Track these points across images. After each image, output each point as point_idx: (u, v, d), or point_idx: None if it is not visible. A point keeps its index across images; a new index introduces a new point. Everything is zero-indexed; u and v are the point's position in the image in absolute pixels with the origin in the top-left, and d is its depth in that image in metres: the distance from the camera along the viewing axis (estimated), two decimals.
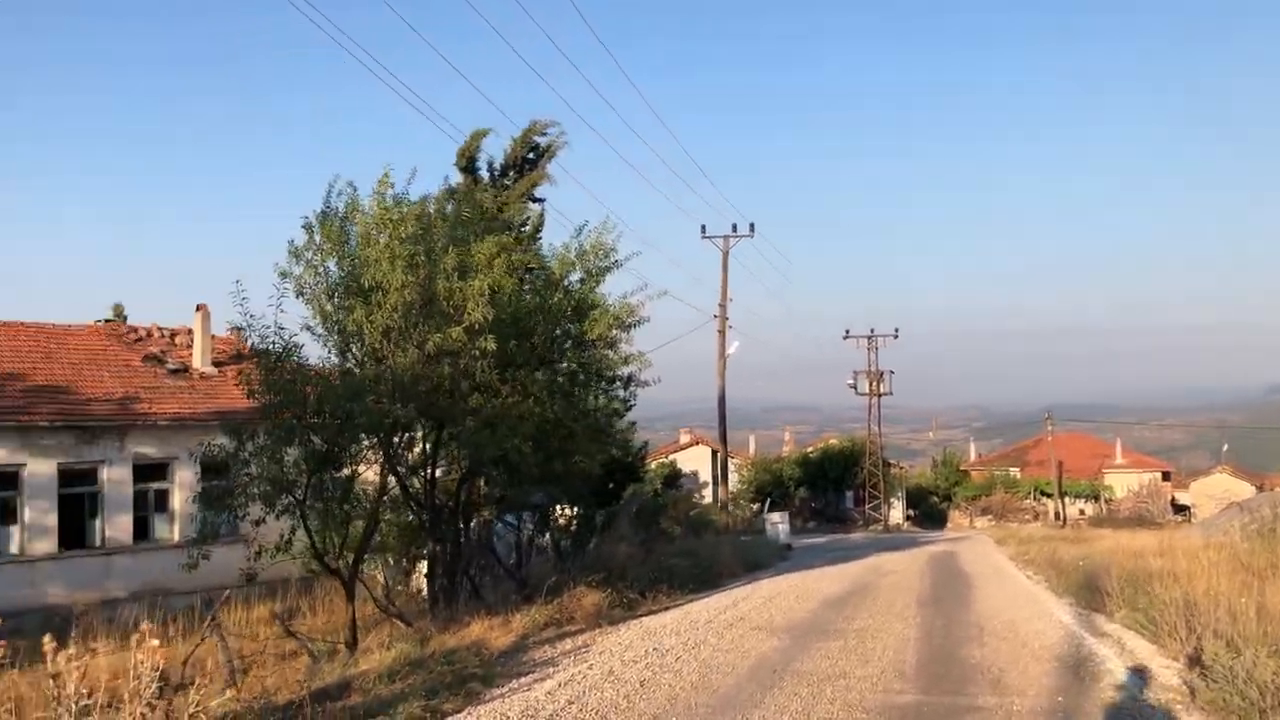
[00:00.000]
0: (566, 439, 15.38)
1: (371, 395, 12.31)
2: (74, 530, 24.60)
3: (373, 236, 12.61)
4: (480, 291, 12.25)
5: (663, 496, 36.48)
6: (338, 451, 12.75)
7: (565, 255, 15.89)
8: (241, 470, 12.71)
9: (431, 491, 15.24)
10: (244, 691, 10.21)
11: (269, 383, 12.42)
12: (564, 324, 15.20)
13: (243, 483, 12.60)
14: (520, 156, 28.95)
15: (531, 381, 14.64)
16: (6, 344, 26.69)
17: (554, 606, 15.21)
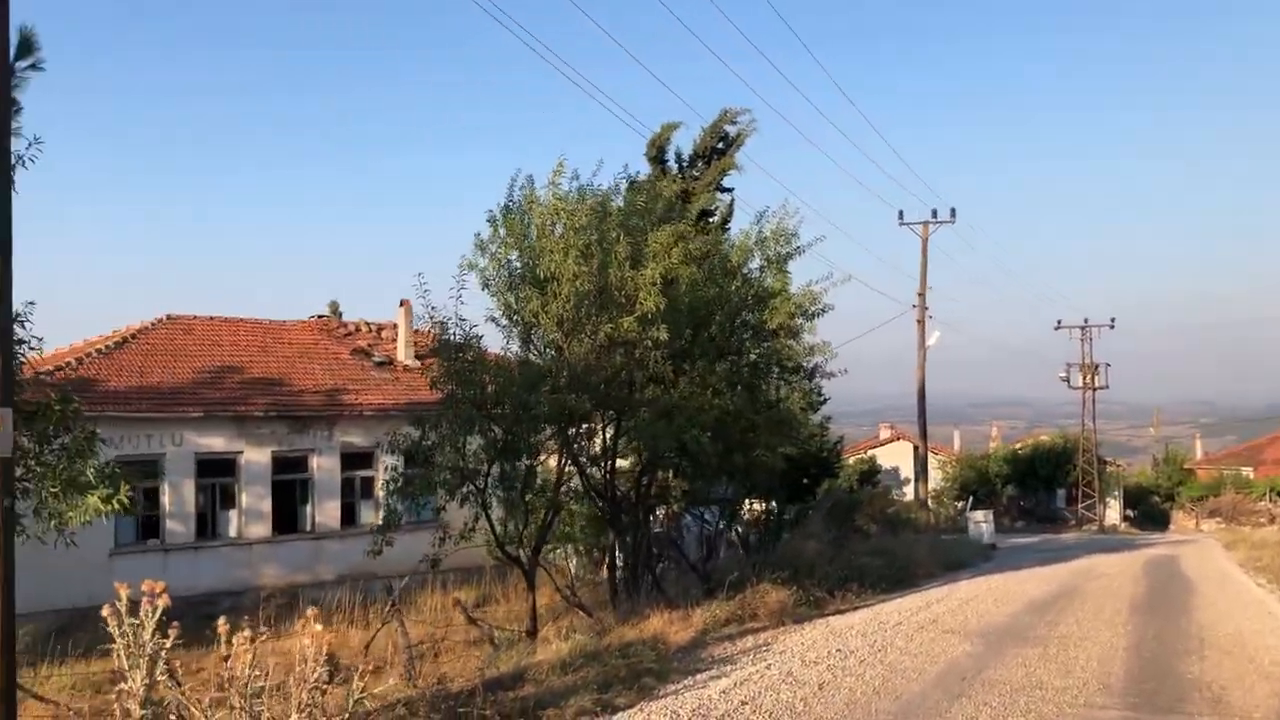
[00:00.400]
0: (747, 432, 15.00)
1: (547, 386, 12.31)
2: (286, 515, 25.93)
3: (547, 227, 12.62)
4: (652, 280, 12.06)
5: (858, 493, 35.53)
6: (516, 441, 12.80)
7: (744, 242, 15.54)
8: (425, 459, 12.95)
9: (612, 483, 15.17)
10: (421, 678, 10.35)
11: (450, 373, 12.60)
12: (743, 313, 14.84)
13: (425, 471, 12.83)
14: (710, 146, 28.75)
15: (710, 372, 14.34)
16: (228, 338, 28.42)
17: (736, 602, 14.88)
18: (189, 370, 26.11)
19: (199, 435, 24.75)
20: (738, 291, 14.74)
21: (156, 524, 24.37)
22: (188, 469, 24.61)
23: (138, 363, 25.75)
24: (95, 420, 23.13)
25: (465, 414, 12.48)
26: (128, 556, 23.71)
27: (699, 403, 13.82)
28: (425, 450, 12.84)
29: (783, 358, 15.04)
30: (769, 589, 15.48)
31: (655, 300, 12.05)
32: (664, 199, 14.98)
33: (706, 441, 13.57)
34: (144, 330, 27.44)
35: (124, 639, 6.32)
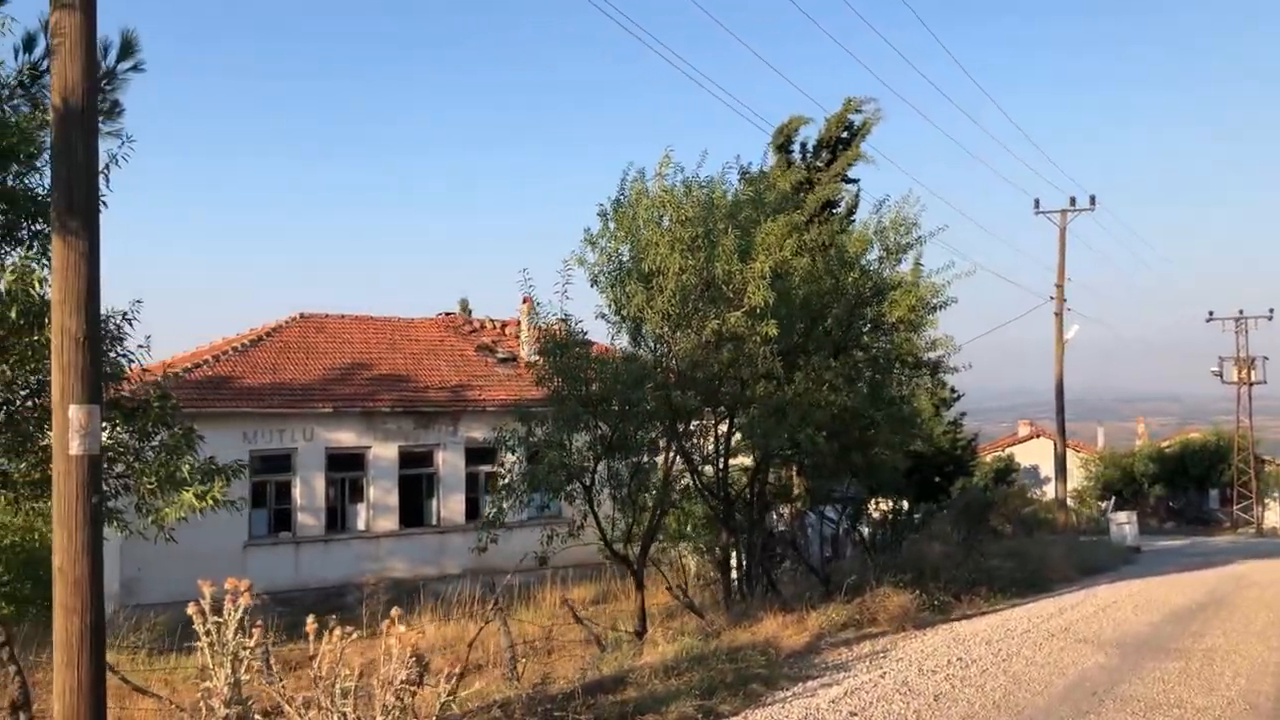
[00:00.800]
0: (867, 430, 14.47)
1: (651, 382, 12.06)
2: (413, 509, 26.38)
3: (653, 220, 12.35)
4: (760, 274, 11.67)
5: (992, 492, 34.30)
6: (623, 438, 12.60)
7: (863, 233, 14.97)
8: (530, 456, 12.89)
9: (724, 481, 14.84)
10: (523, 678, 10.23)
11: (555, 369, 12.47)
12: (862, 306, 14.30)
13: (530, 469, 12.75)
14: (834, 136, 28.11)
15: (826, 368, 13.87)
16: (358, 336, 29.07)
17: (854, 606, 14.38)
18: (320, 367, 26.79)
19: (329, 430, 25.36)
20: (855, 284, 14.22)
21: (289, 517, 25.08)
22: (318, 463, 25.25)
23: (272, 360, 26.54)
24: (231, 416, 24.13)
25: (570, 411, 12.34)
26: (261, 549, 24.46)
27: (813, 399, 13.38)
28: (531, 447, 12.76)
29: (903, 352, 14.45)
30: (890, 592, 14.92)
31: (764, 294, 11.66)
32: (778, 190, 14.56)
33: (821, 440, 13.12)
34: (278, 329, 28.28)
35: (208, 637, 6.32)
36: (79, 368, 6.21)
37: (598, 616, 17.27)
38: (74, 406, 6.18)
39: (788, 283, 13.27)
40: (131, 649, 16.50)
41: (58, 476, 6.21)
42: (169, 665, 14.79)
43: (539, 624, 17.18)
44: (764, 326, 11.81)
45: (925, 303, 14.31)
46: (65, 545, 6.19)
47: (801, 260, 13.88)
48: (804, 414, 13.24)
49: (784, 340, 12.97)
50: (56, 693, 6.23)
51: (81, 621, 6.18)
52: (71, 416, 6.17)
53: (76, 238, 6.22)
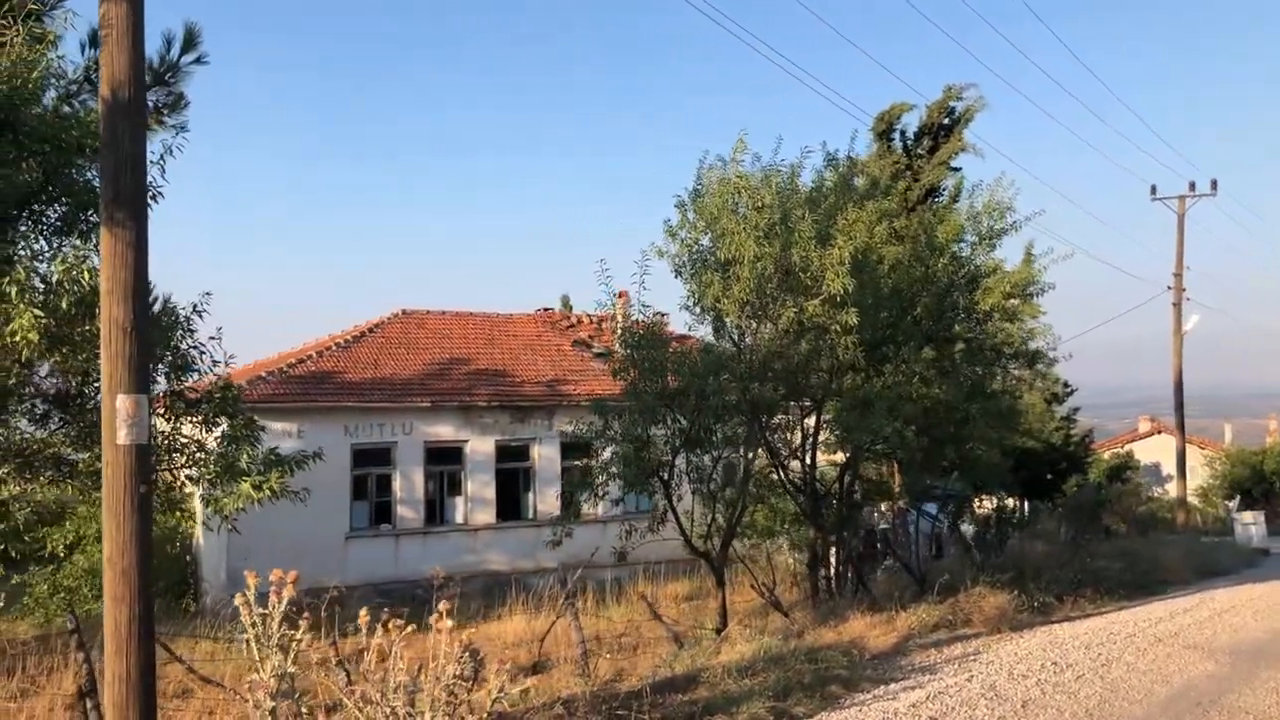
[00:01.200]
0: (961, 424, 13.89)
1: (727, 373, 11.74)
2: (509, 503, 26.48)
3: (728, 207, 12.01)
4: (839, 260, 11.24)
5: (1106, 490, 32.98)
6: (701, 431, 12.34)
7: (954, 218, 14.37)
8: (606, 449, 12.76)
9: (812, 477, 14.44)
10: (595, 676, 10.05)
11: (631, 360, 12.26)
12: (952, 294, 13.71)
13: (602, 462, 12.61)
14: (935, 123, 27.43)
15: (916, 359, 13.36)
16: (457, 332, 29.35)
17: (948, 605, 13.86)
18: (420, 362, 27.11)
19: (428, 425, 25.63)
20: (946, 270, 13.66)
21: (389, 510, 25.44)
22: (417, 457, 25.53)
23: (373, 356, 26.96)
24: (332, 411, 24.58)
25: (647, 403, 12.13)
26: (362, 540, 24.85)
27: (902, 392, 12.90)
28: (607, 441, 12.63)
29: (998, 342, 13.82)
30: (985, 592, 14.35)
31: (843, 281, 11.23)
32: (868, 175, 14.09)
33: (911, 434, 12.63)
34: (380, 325, 28.73)
35: (254, 629, 6.28)
36: (127, 357, 6.22)
37: (690, 613, 17.00)
38: (121, 396, 6.20)
39: (876, 271, 12.82)
40: (227, 638, 16.83)
41: (106, 466, 6.24)
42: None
43: (628, 619, 17.06)
44: (844, 315, 11.40)
45: (1021, 289, 13.65)
46: (113, 534, 6.21)
47: (892, 248, 13.41)
48: (892, 407, 12.77)
49: (868, 330, 12.54)
50: (106, 681, 6.27)
51: (130, 610, 6.20)
52: (119, 406, 6.19)
53: (123, 228, 6.24)
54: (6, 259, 7.06)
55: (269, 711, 6.28)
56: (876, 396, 12.80)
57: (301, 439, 24.40)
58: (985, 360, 14.34)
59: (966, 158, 26.39)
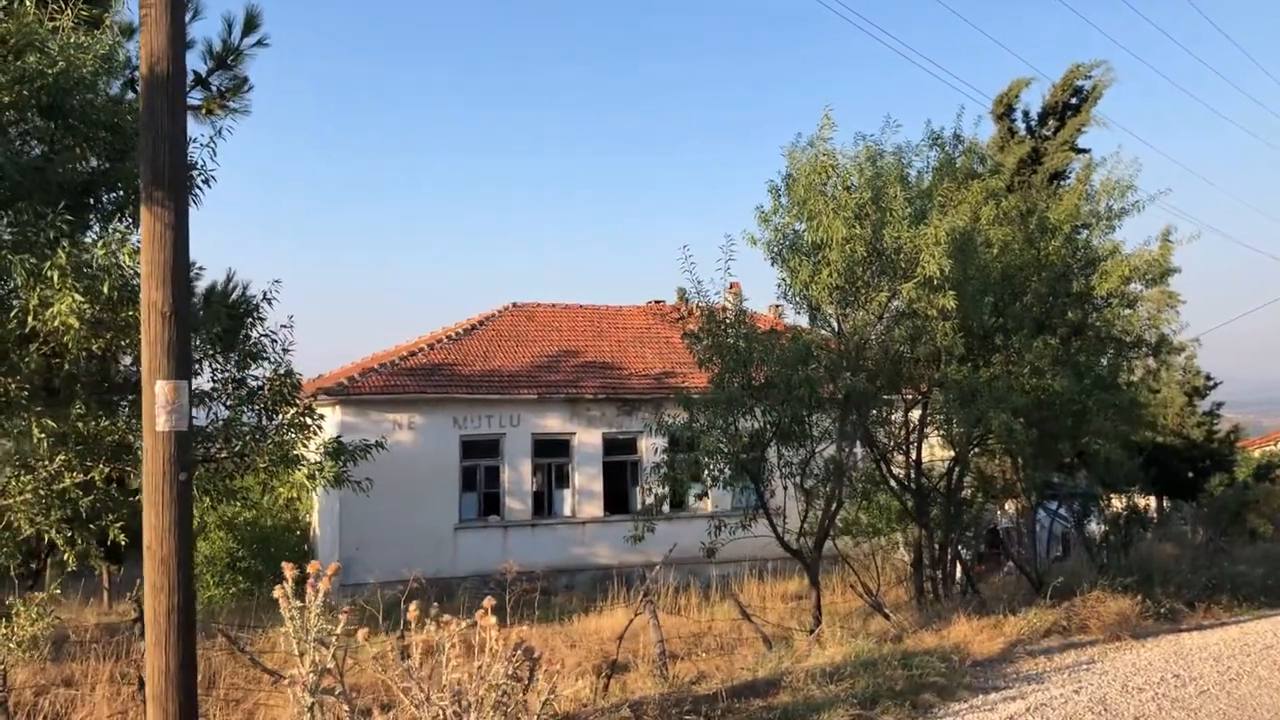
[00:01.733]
0: (1078, 418, 13.00)
1: (815, 363, 11.17)
2: (617, 496, 26.31)
3: (815, 188, 11.40)
4: (935, 240, 10.54)
5: (1253, 490, 31.02)
6: (793, 424, 11.81)
7: (1069, 198, 13.43)
8: (689, 444, 12.38)
9: (918, 472, 13.74)
10: (673, 677, 9.65)
11: (716, 348, 11.81)
12: (1065, 279, 12.80)
13: (688, 456, 12.23)
14: (1061, 102, 26.16)
15: (1027, 348, 12.53)
16: (567, 324, 29.29)
17: (1063, 610, 13.01)
18: (529, 355, 27.14)
19: (536, 416, 25.64)
20: (1058, 253, 12.77)
21: (497, 501, 25.52)
22: (525, 449, 25.58)
23: (483, 348, 27.09)
24: (442, 402, 24.75)
25: (731, 395, 11.68)
26: (471, 531, 24.99)
27: (1011, 383, 12.11)
28: (691, 435, 12.25)
29: (1116, 330, 12.86)
30: (1105, 596, 13.44)
31: (939, 263, 10.54)
32: (974, 153, 13.30)
33: (1019, 428, 11.84)
34: (491, 318, 28.86)
35: (292, 622, 6.07)
36: (165, 342, 6.09)
37: (793, 613, 16.44)
38: (160, 382, 6.07)
39: (983, 255, 12.07)
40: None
41: (145, 452, 6.12)
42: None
43: (731, 618, 16.59)
44: (941, 299, 10.71)
45: (1142, 273, 12.67)
46: (153, 522, 6.07)
47: (1000, 230, 12.62)
48: (1000, 398, 12.00)
49: (971, 316, 11.80)
50: (147, 673, 6.15)
51: (169, 601, 6.06)
52: (158, 392, 6.06)
53: (163, 208, 6.10)
54: (50, 242, 7.02)
55: (308, 708, 6.08)
56: (984, 387, 12.05)
57: (412, 430, 24.70)
58: (1101, 349, 13.37)
59: (1096, 138, 25.08)
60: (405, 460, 24.31)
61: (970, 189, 12.74)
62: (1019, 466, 14.88)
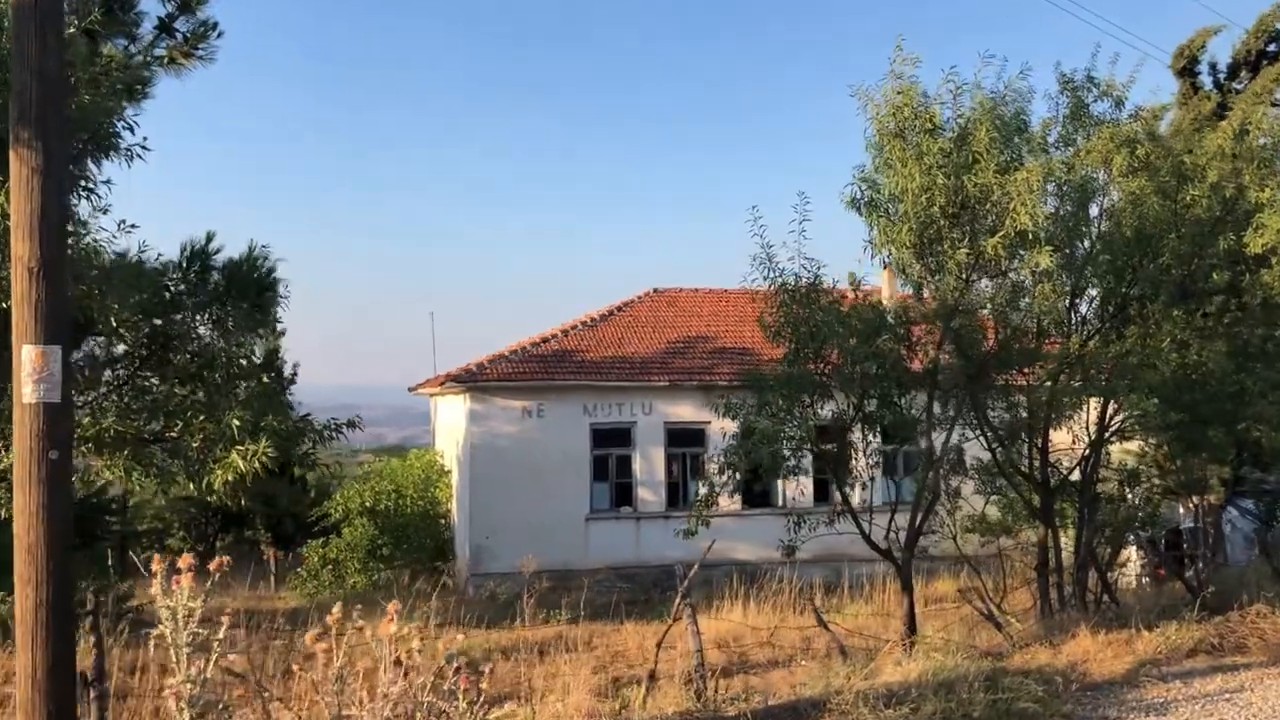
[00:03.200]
0: (1234, 399, 11.00)
1: (888, 334, 9.70)
2: (758, 489, 25.00)
3: (892, 131, 9.82)
4: (1030, 187, 8.85)
5: None
6: (881, 406, 10.39)
7: (1215, 139, 11.30)
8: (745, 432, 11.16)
9: (1043, 461, 11.99)
10: (711, 693, 8.45)
11: (785, 323, 10.48)
12: (1213, 234, 10.77)
13: (747, 443, 10.98)
14: (1255, 51, 23.23)
15: (1165, 317, 10.64)
16: (708, 309, 28.14)
17: (1213, 626, 11.06)
18: (664, 341, 26.16)
19: (668, 404, 24.66)
20: (1201, 205, 10.74)
21: (629, 491, 24.68)
22: (657, 438, 24.64)
23: (618, 335, 26.27)
24: (570, 389, 24.06)
25: (801, 374, 10.38)
26: (602, 522, 24.25)
27: (1145, 359, 10.29)
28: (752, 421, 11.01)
29: (1276, 294, 10.72)
30: (1270, 610, 11.38)
31: (1033, 212, 8.84)
32: (1108, 94, 11.41)
33: (1154, 409, 10.02)
34: (629, 304, 28.02)
35: (168, 625, 5.24)
36: (33, 301, 5.38)
37: (941, 616, 14.77)
38: (28, 347, 5.36)
39: (1112, 209, 10.30)
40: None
41: (15, 427, 5.43)
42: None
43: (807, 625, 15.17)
44: (1035, 255, 9.02)
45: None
46: (21, 505, 5.37)
47: (1135, 181, 10.78)
48: (1133, 376, 10.21)
49: (1101, 280, 10.05)
50: (17, 675, 5.47)
51: (37, 595, 5.35)
52: (25, 359, 5.36)
53: (30, 150, 5.40)
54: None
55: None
56: (1114, 360, 10.29)
57: (541, 417, 24.10)
58: (1268, 319, 11.22)
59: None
60: (535, 449, 23.78)
61: (1099, 134, 10.93)
62: (1170, 457, 12.95)
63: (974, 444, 12.44)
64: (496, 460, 23.65)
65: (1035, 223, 8.83)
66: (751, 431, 10.89)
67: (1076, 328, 10.81)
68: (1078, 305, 11.18)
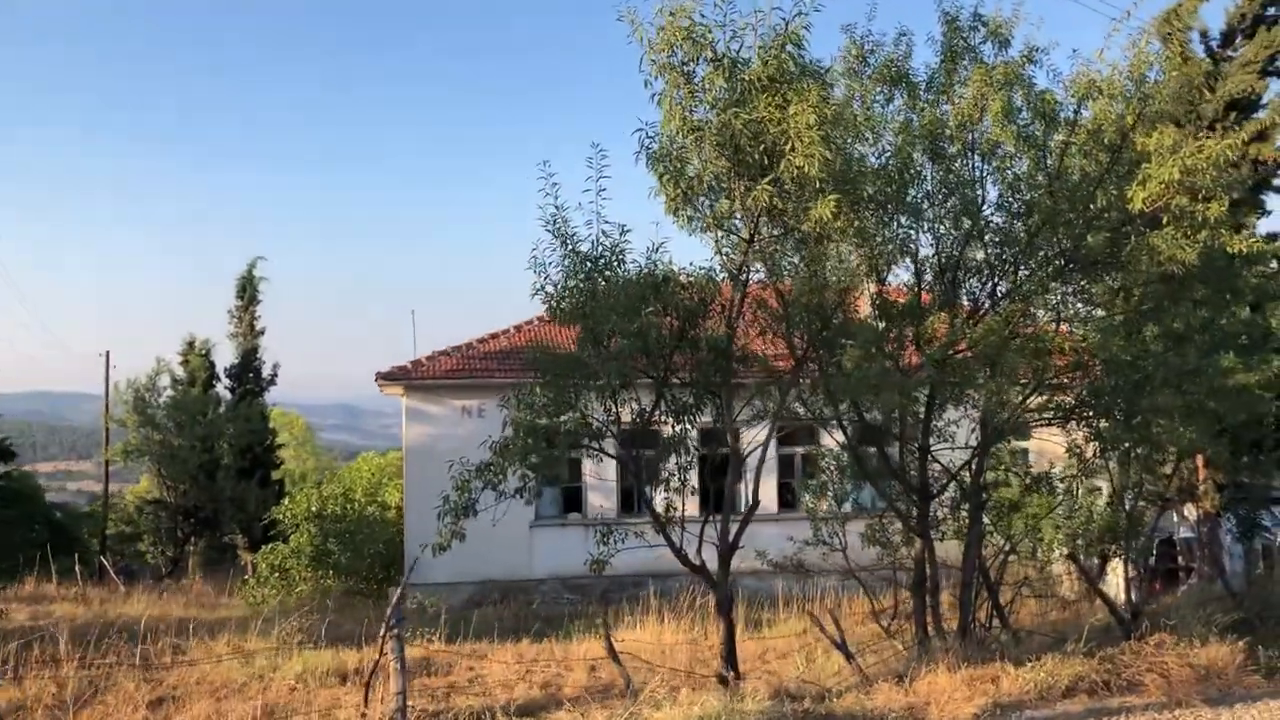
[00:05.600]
0: (1136, 389, 9.18)
1: (656, 307, 8.10)
2: (718, 493, 23.40)
3: (668, 65, 8.05)
4: (807, 123, 7.09)
5: None
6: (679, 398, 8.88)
7: (1086, 73, 9.25)
8: None
9: (923, 466, 10.28)
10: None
11: (564, 294, 8.91)
12: (1087, 189, 8.85)
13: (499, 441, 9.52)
14: (1251, 15, 21.00)
15: (1041, 291, 8.85)
16: None
17: (1097, 661, 9.26)
18: None
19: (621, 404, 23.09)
20: (1076, 151, 8.85)
21: (579, 497, 23.28)
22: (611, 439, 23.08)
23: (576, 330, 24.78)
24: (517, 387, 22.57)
25: (565, 358, 8.91)
26: (548, 529, 22.84)
27: (1007, 341, 8.52)
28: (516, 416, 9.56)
29: (1164, 259, 8.72)
30: (1178, 641, 9.57)
31: (814, 150, 7.05)
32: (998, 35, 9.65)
33: (1015, 397, 8.27)
34: None
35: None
36: None
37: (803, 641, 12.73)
38: None
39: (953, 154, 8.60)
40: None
41: None
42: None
43: None
44: (818, 207, 7.27)
45: (1203, 172, 8.35)
46: None
47: (1008, 130, 9.06)
48: (993, 361, 8.50)
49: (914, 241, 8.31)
50: None
51: None
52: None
53: None
54: None
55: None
56: (974, 347, 8.58)
57: (483, 417, 22.64)
58: (1157, 291, 9.27)
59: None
60: (476, 451, 22.32)
61: (972, 75, 9.22)
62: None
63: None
64: (435, 463, 22.22)
65: (812, 159, 7.07)
66: (516, 428, 9.38)
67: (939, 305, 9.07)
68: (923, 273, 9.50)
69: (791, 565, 12.78)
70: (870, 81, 9.89)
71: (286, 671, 11.46)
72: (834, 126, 7.35)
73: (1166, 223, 8.48)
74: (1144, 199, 8.12)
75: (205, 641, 14.23)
